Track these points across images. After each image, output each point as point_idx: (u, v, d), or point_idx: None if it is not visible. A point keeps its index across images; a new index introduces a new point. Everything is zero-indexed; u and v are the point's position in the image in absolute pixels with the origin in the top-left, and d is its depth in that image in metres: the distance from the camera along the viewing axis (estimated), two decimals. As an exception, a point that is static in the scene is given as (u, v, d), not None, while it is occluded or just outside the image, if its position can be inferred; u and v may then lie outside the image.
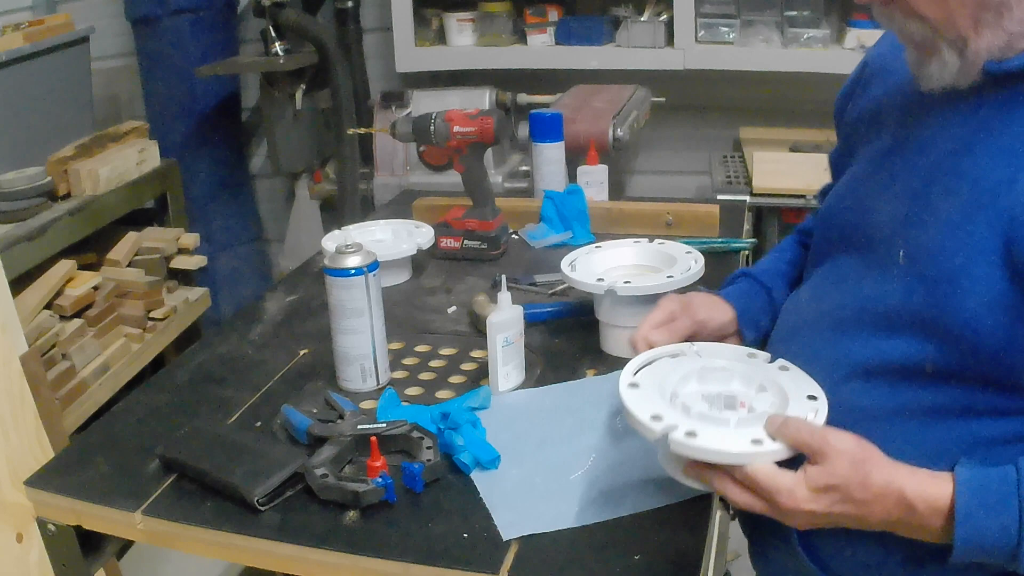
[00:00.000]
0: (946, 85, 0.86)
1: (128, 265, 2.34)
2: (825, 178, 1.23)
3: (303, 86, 2.75)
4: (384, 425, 1.08)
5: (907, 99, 0.97)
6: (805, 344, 0.98)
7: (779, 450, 0.81)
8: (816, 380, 0.91)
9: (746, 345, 1.10)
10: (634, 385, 0.91)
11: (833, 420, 0.86)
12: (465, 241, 1.70)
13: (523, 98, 2.54)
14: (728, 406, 0.90)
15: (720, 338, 1.11)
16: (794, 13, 2.44)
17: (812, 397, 0.88)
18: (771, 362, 0.96)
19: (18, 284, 1.99)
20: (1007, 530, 0.76)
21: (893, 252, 0.90)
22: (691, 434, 0.82)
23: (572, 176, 1.92)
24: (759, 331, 1.14)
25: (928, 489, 0.79)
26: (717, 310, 1.12)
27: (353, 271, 1.19)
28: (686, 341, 1.03)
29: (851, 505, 0.80)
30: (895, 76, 1.00)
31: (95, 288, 2.19)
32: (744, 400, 0.91)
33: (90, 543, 1.07)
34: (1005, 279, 0.79)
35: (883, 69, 1.04)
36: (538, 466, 1.04)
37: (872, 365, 0.90)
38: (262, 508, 0.98)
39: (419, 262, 1.67)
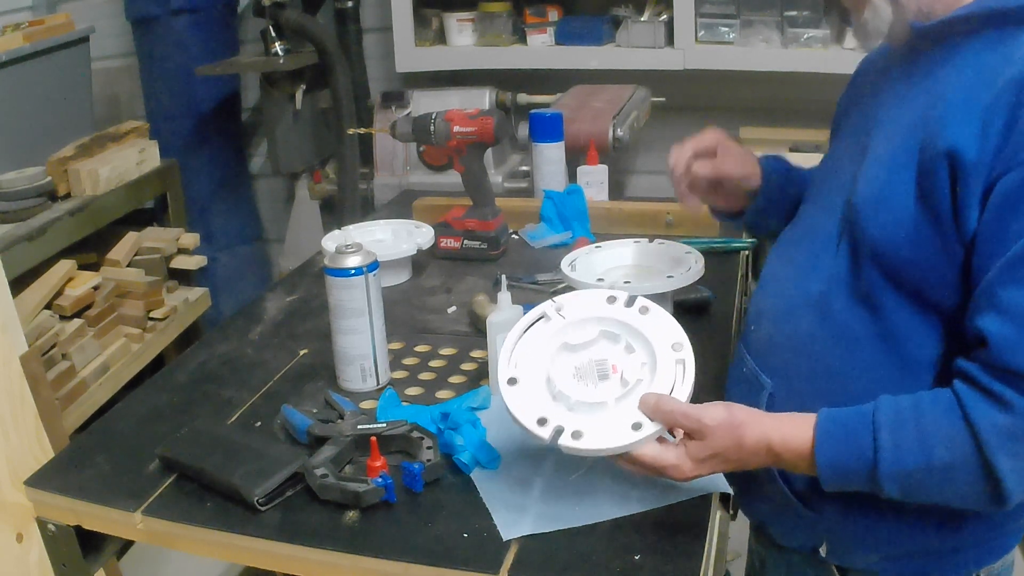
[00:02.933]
0: (882, 37, 0.95)
1: (128, 265, 2.34)
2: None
3: (303, 86, 2.75)
4: (384, 425, 1.08)
5: (870, 80, 1.07)
6: (778, 287, 1.07)
7: (658, 430, 0.89)
8: (783, 317, 1.02)
9: (751, 203, 1.22)
10: (513, 380, 0.94)
11: (792, 350, 1.00)
12: (465, 241, 1.70)
13: (523, 98, 2.54)
14: (601, 375, 0.95)
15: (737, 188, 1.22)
16: (794, 13, 2.43)
17: (677, 346, 0.95)
18: (630, 305, 0.99)
19: (18, 284, 1.98)
20: (863, 455, 0.85)
21: (844, 198, 0.98)
22: (577, 434, 0.89)
23: (572, 176, 1.92)
24: (770, 202, 1.23)
25: (790, 440, 0.89)
26: (754, 173, 1.22)
27: (353, 271, 1.19)
28: (624, 294, 1.03)
29: (730, 464, 0.91)
30: (869, 71, 1.10)
31: (95, 288, 2.19)
32: (615, 364, 0.95)
33: (90, 543, 1.07)
34: (914, 199, 0.89)
35: (863, 70, 1.13)
36: (538, 466, 1.04)
37: (819, 293, 0.98)
38: (262, 508, 0.98)
39: (419, 262, 1.67)
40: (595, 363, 0.96)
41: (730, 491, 1.00)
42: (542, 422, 0.90)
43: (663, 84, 2.53)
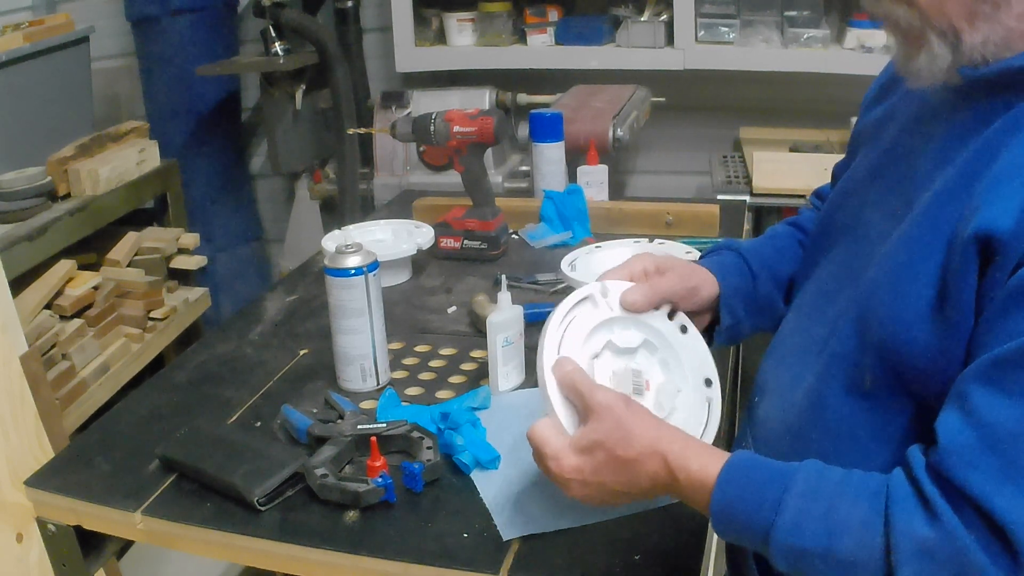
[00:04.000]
0: (936, 81, 0.81)
1: (128, 265, 2.34)
2: (824, 178, 1.21)
3: (303, 86, 2.75)
4: (384, 425, 1.08)
5: (909, 110, 0.93)
6: (781, 359, 0.97)
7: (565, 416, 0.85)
8: (780, 402, 0.92)
9: (720, 330, 1.05)
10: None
11: (786, 442, 0.89)
12: (465, 241, 1.70)
13: (523, 98, 2.54)
14: (636, 389, 0.91)
15: (698, 310, 1.02)
16: (794, 13, 2.44)
17: (708, 381, 0.94)
18: (671, 318, 0.96)
19: (18, 284, 1.98)
20: (761, 513, 0.74)
21: (864, 267, 0.87)
22: None
23: (572, 176, 1.92)
24: (735, 319, 1.05)
25: (691, 463, 0.78)
26: (708, 283, 1.03)
27: (353, 271, 1.19)
28: (667, 304, 0.97)
29: (618, 470, 0.81)
30: (913, 94, 0.94)
31: (95, 288, 2.19)
32: (649, 379, 0.93)
33: (90, 543, 1.07)
34: (934, 293, 0.76)
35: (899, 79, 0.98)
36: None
37: (816, 378, 0.87)
38: (262, 508, 0.98)
39: (419, 262, 1.67)
40: (632, 373, 0.92)
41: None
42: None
43: (663, 84, 2.53)
